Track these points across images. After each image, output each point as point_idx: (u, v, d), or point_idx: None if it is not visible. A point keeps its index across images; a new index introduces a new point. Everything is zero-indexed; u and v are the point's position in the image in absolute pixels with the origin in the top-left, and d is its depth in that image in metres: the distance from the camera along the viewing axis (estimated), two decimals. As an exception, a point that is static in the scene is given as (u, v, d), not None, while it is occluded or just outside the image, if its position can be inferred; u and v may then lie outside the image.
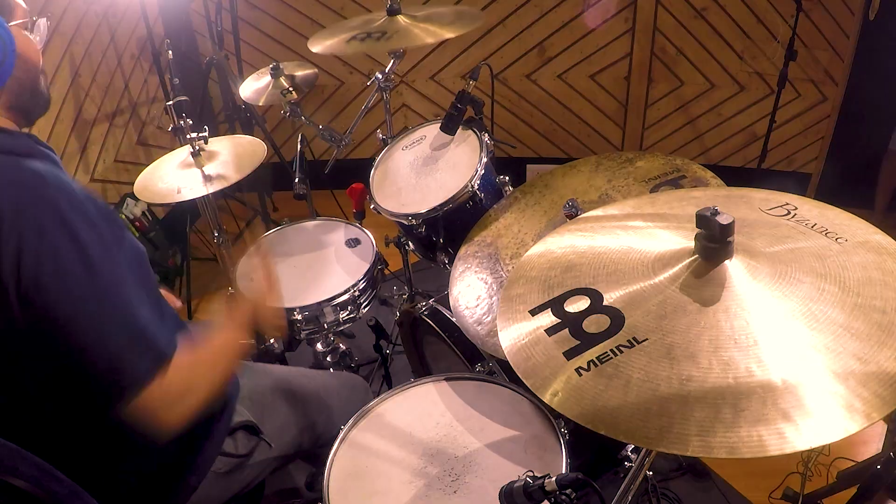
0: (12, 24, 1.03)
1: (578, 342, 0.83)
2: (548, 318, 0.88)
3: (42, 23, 1.10)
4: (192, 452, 1.22)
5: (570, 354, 0.82)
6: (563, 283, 0.93)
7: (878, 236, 0.88)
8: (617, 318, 0.83)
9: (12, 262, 0.90)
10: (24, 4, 1.07)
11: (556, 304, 0.90)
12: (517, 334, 0.89)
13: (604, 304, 0.86)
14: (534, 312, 0.90)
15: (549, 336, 0.86)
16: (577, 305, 0.88)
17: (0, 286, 0.91)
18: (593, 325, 0.84)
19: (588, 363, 0.80)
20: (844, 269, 0.82)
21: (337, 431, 1.30)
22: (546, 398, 0.79)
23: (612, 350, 0.80)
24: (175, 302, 1.46)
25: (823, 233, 0.89)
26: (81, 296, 0.93)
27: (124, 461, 1.15)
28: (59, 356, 0.96)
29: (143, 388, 0.96)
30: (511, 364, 0.86)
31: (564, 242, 1.02)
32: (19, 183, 0.95)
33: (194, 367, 1.06)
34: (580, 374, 0.79)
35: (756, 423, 0.68)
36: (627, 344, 0.80)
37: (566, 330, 0.85)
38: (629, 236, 0.98)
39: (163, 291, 1.36)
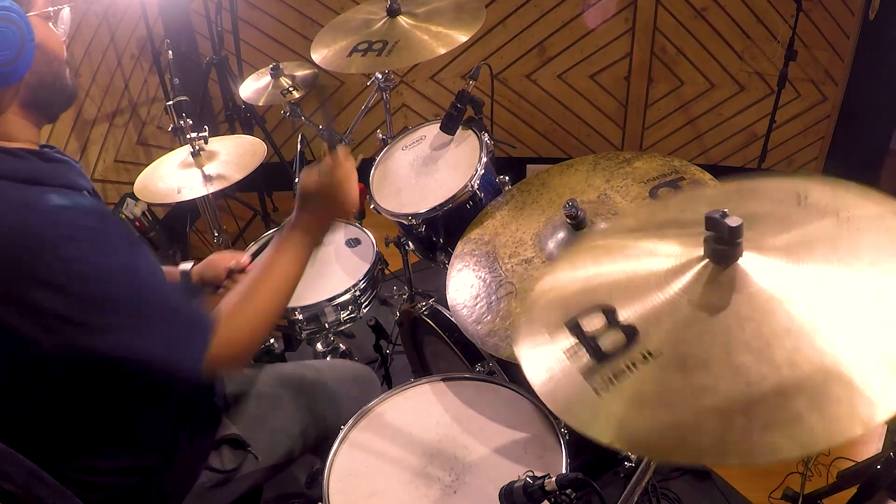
0: (32, 14, 0.98)
1: (596, 361, 0.82)
2: (566, 340, 0.87)
3: (66, 13, 1.05)
4: (175, 467, 1.19)
5: (588, 375, 0.81)
6: (580, 302, 0.91)
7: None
8: (631, 334, 0.83)
9: (49, 302, 0.90)
10: None
11: (572, 325, 0.88)
12: (542, 365, 0.88)
13: (619, 320, 0.85)
14: (553, 335, 0.89)
15: (569, 359, 0.84)
16: (593, 325, 0.87)
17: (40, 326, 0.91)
18: (609, 342, 0.83)
19: (605, 382, 0.79)
20: (857, 251, 0.79)
21: (340, 426, 1.29)
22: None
23: (626, 366, 0.79)
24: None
25: (836, 214, 0.85)
26: (119, 308, 0.94)
27: (106, 474, 1.12)
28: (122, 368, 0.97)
29: (203, 363, 1.00)
30: (542, 400, 0.85)
31: (577, 261, 1.01)
32: (22, 221, 0.91)
33: (240, 321, 1.06)
34: (599, 395, 0.78)
35: (768, 427, 0.67)
36: (642, 359, 0.79)
37: (584, 350, 0.84)
38: (640, 247, 0.96)
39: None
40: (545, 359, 0.87)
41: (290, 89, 2.28)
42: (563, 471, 1.14)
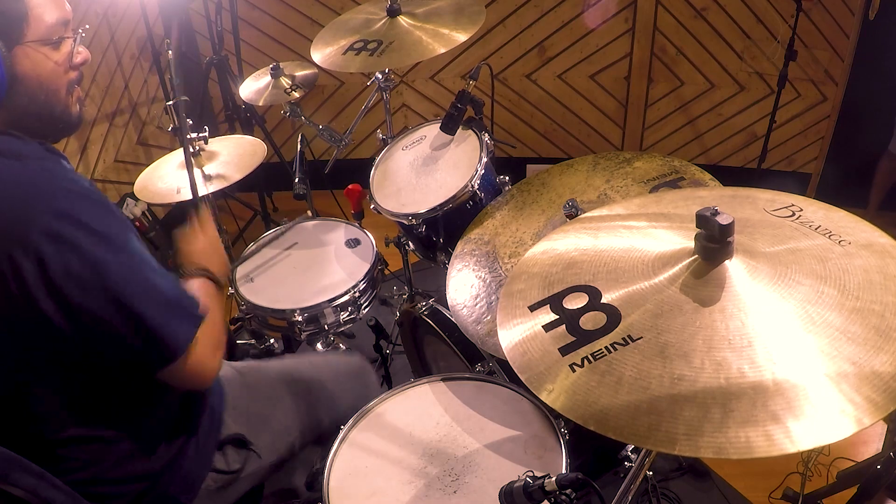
0: (28, 42, 0.96)
1: (574, 338, 0.83)
2: (546, 315, 0.89)
3: (76, 37, 1.03)
4: (181, 471, 1.19)
5: (565, 350, 0.82)
6: (564, 279, 0.93)
7: (884, 239, 0.87)
8: (614, 316, 0.84)
9: (36, 272, 0.90)
10: (48, 20, 0.98)
11: (554, 301, 0.90)
12: (515, 330, 0.89)
13: (602, 301, 0.87)
14: (533, 308, 0.90)
15: (546, 332, 0.86)
16: (575, 302, 0.88)
17: (30, 298, 0.91)
18: (590, 322, 0.84)
19: (582, 359, 0.80)
20: (845, 273, 0.81)
21: (338, 419, 1.29)
22: (542, 395, 0.79)
23: (606, 347, 0.80)
24: None
25: (827, 235, 0.88)
26: (114, 282, 0.96)
27: (114, 482, 1.12)
28: (104, 343, 0.99)
29: (191, 351, 1.03)
30: (508, 360, 0.86)
31: (568, 240, 1.02)
32: (23, 184, 0.93)
33: (213, 315, 1.12)
34: (574, 371, 0.79)
35: (744, 424, 0.68)
36: (622, 342, 0.80)
37: (563, 326, 0.86)
38: (632, 235, 0.98)
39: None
40: (522, 329, 0.88)
41: (291, 90, 2.28)
42: (563, 471, 1.14)
